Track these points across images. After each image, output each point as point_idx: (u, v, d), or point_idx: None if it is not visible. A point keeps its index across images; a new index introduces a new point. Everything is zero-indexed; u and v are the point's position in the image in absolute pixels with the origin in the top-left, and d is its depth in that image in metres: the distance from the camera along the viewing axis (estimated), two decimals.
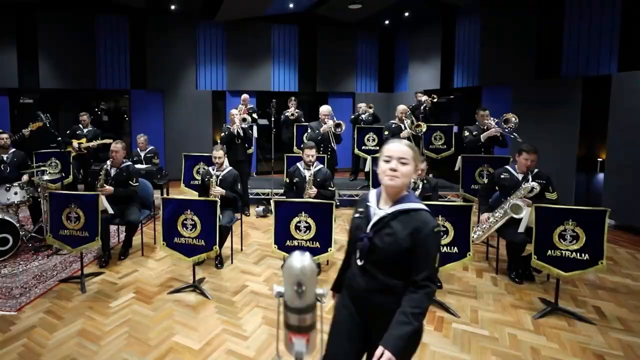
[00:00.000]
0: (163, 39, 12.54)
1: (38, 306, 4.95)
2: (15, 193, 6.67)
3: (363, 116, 11.10)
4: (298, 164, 6.65)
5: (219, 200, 5.39)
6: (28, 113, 11.25)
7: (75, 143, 9.26)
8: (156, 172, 8.49)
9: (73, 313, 4.80)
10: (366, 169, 9.26)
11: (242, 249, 6.91)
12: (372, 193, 2.51)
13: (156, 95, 12.72)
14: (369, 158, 8.80)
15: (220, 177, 6.30)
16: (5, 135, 7.22)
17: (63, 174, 8.29)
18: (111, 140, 6.84)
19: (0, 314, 4.76)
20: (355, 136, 9.93)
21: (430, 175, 6.09)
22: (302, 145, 6.68)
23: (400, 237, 2.26)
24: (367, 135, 9.85)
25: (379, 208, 2.43)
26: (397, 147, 2.33)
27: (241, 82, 13.21)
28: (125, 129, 13.34)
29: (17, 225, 6.38)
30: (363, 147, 9.82)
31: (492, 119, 7.70)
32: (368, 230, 2.36)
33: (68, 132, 9.48)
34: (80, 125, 9.57)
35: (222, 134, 8.37)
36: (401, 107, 8.77)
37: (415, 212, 2.32)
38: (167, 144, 12.63)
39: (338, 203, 9.39)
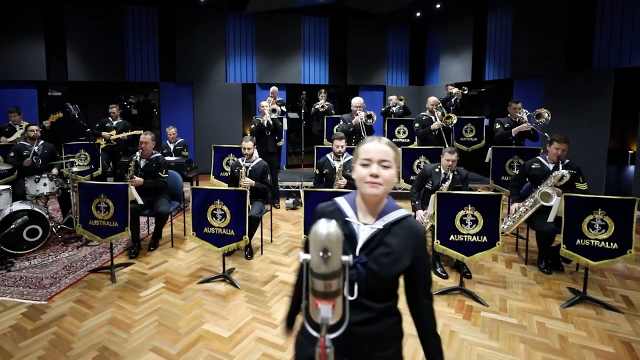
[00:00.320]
0: (192, 31, 12.55)
1: (68, 296, 5.03)
2: (45, 184, 6.74)
3: (394, 109, 11.10)
4: (328, 155, 6.69)
5: (249, 191, 5.43)
6: (56, 105, 11.18)
7: (105, 134, 9.30)
8: (185, 164, 8.53)
9: (103, 302, 4.87)
10: None
11: (272, 240, 6.96)
12: (344, 204, 2.03)
13: (186, 88, 12.79)
14: (398, 150, 8.77)
15: (249, 168, 6.35)
16: (35, 127, 7.30)
17: (92, 166, 8.39)
18: (142, 132, 6.88)
19: (31, 303, 4.85)
20: (386, 129, 9.92)
21: (462, 168, 6.05)
22: (331, 136, 6.71)
23: (400, 255, 1.90)
24: (398, 128, 9.83)
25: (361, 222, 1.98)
26: (376, 147, 1.91)
27: (271, 74, 13.24)
28: (155, 122, 13.47)
29: (47, 216, 6.47)
30: (393, 140, 9.79)
31: (524, 111, 7.63)
32: (358, 253, 1.89)
33: (97, 125, 9.46)
34: (110, 118, 9.65)
35: (252, 125, 8.44)
36: (432, 99, 8.70)
37: (404, 220, 1.96)
38: (197, 137, 12.72)
39: None
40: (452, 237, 4.89)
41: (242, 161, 6.42)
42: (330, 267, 1.19)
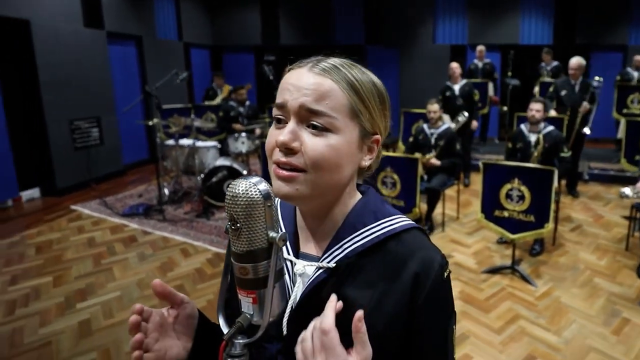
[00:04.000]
0: None
1: None
2: (243, 143, 7.15)
3: (635, 74, 9.12)
4: (522, 126, 5.69)
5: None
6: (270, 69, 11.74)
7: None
8: None
9: None
10: (618, 136, 7.76)
11: (457, 217, 6.41)
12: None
13: (392, 51, 12.32)
14: (622, 121, 7.29)
15: (435, 136, 5.86)
16: (243, 91, 7.80)
17: None
18: None
19: (216, 251, 5.41)
20: (615, 97, 8.27)
21: None
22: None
23: (378, 321, 0.89)
24: (632, 97, 8.12)
25: (298, 254, 1.00)
26: (302, 80, 0.90)
27: (484, 34, 11.89)
28: None
29: (244, 172, 6.82)
30: (624, 111, 8.11)
31: None
32: (285, 329, 0.92)
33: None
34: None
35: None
36: None
37: (394, 241, 0.93)
38: (402, 103, 12.02)
39: (587, 177, 8.12)
40: None
41: (427, 128, 5.99)
42: (244, 245, 0.78)
